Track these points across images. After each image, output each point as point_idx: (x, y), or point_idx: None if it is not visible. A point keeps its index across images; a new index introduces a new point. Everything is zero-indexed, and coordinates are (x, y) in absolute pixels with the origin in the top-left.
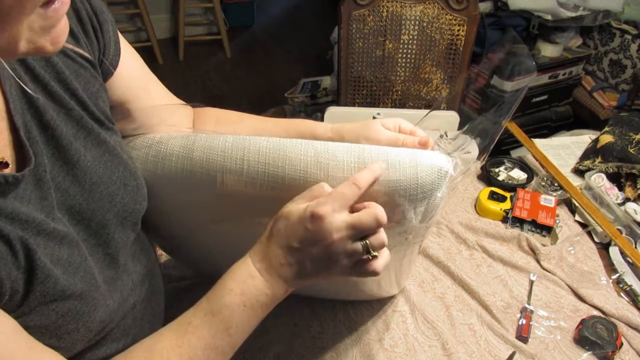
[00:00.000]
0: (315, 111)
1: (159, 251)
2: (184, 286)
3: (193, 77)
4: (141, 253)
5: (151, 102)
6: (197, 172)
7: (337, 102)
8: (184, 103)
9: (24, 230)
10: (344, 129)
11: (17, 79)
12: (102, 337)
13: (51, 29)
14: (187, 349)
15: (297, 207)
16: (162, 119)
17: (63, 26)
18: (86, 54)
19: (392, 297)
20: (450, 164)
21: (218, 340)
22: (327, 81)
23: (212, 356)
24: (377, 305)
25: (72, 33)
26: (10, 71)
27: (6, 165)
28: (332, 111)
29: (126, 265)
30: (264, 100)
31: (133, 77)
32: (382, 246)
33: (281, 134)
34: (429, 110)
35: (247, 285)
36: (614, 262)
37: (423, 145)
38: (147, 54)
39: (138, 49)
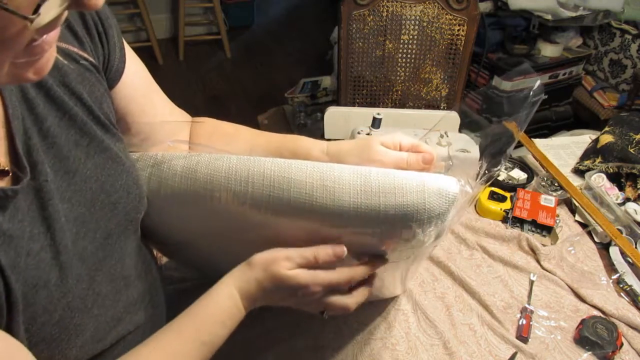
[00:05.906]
0: (315, 111)
1: (158, 253)
2: (184, 288)
3: (193, 77)
4: (142, 267)
5: (154, 113)
6: (200, 192)
7: (337, 102)
8: (189, 120)
9: (14, 251)
10: (341, 151)
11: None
12: (98, 353)
13: (35, 63)
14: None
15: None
16: (167, 135)
17: (49, 56)
18: (91, 58)
19: (394, 296)
20: (457, 188)
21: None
22: (327, 81)
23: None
24: (380, 303)
25: (77, 37)
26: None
27: (7, 173)
28: (332, 111)
29: (129, 278)
30: (264, 100)
31: (137, 86)
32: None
33: (273, 153)
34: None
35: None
36: (614, 262)
37: (427, 162)
38: (147, 54)
39: (138, 49)
